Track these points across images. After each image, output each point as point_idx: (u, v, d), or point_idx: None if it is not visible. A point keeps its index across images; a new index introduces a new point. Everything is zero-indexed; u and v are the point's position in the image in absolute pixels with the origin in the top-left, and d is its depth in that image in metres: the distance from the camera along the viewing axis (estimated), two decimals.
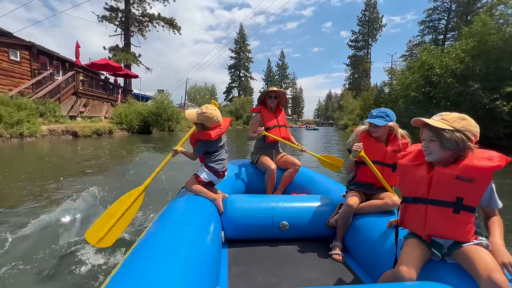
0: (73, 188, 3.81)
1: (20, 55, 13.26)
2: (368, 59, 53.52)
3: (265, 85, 69.40)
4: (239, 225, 1.75)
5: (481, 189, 1.05)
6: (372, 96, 24.98)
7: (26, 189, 3.72)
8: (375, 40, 53.58)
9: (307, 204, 1.86)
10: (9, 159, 6.76)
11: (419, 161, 1.20)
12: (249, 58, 58.62)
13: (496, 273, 0.90)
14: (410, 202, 1.21)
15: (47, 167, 5.42)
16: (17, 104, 9.74)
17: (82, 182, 4.12)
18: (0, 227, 2.42)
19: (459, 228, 1.07)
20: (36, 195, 3.47)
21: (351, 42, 54.84)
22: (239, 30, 57.64)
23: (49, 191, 3.71)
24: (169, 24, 26.31)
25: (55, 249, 2.07)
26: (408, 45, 48.48)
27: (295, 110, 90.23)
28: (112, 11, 24.17)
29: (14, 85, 12.48)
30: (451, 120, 1.09)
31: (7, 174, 4.47)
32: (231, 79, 58.92)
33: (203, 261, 1.10)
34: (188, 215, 1.43)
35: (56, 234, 2.22)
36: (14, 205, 3.08)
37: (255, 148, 2.70)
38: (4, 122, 8.88)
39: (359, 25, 53.58)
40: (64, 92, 13.49)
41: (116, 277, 0.90)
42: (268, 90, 2.66)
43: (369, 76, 52.86)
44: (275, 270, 1.49)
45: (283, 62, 72.93)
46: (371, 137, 1.77)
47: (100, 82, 17.96)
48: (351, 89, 53.19)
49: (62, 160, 6.50)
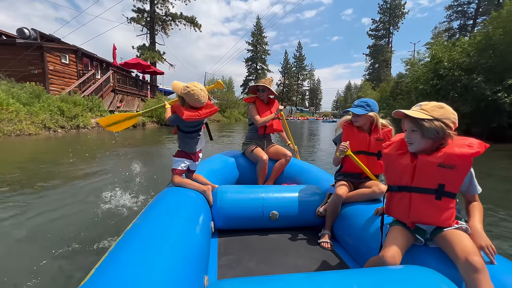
0: (124, 162, 5.38)
1: (69, 58, 15.38)
2: (389, 48, 51.68)
3: (282, 77, 69.45)
4: (229, 215, 1.77)
5: (462, 176, 1.08)
6: (389, 88, 24.89)
7: (98, 162, 5.33)
8: (397, 28, 51.53)
9: (296, 194, 1.89)
10: (76, 144, 8.63)
11: (403, 150, 1.22)
12: (265, 51, 58.79)
13: (473, 255, 0.93)
14: (395, 190, 1.23)
15: (105, 149, 7.12)
16: (73, 101, 11.75)
17: (129, 159, 5.69)
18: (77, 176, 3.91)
19: (441, 214, 1.10)
20: (104, 165, 5.04)
21: (371, 31, 53.15)
22: (256, 22, 57.97)
23: (110, 163, 5.29)
24: (191, 22, 27.84)
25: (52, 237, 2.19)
26: (433, 32, 46.19)
27: (313, 102, 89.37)
28: (139, 12, 26.09)
29: (65, 85, 14.64)
30: (429, 109, 1.11)
31: (84, 153, 6.16)
32: (248, 72, 59.60)
33: (191, 251, 1.11)
34: (176, 206, 1.43)
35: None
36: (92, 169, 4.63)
37: (247, 139, 2.72)
38: (66, 116, 10.89)
39: (380, 13, 51.54)
40: (105, 90, 15.55)
41: (101, 267, 0.89)
42: (255, 84, 2.69)
43: (389, 66, 51.30)
44: (264, 258, 1.50)
45: (300, 53, 72.10)
46: (353, 127, 1.81)
47: (132, 79, 19.99)
48: (371, 80, 52.07)
49: (112, 144, 8.20)
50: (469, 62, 10.12)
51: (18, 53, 12.96)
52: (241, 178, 2.54)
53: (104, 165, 5.16)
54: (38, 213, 2.72)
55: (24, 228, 2.41)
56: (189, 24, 28.12)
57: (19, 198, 3.18)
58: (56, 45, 14.64)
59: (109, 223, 2.47)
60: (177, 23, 28.10)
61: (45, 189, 3.57)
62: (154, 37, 27.44)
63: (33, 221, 2.53)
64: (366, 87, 46.77)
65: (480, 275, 0.90)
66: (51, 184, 3.76)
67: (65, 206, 2.96)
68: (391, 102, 19.82)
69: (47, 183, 3.77)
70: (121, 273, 0.82)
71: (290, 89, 70.35)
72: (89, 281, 0.82)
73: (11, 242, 2.20)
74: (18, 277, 1.70)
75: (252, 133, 2.67)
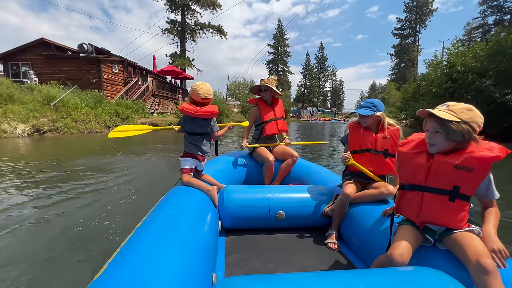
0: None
1: (118, 68, 18.05)
2: (415, 47, 49.80)
3: (303, 79, 69.95)
4: (236, 215, 1.78)
5: (479, 179, 1.05)
6: (411, 89, 24.83)
7: (150, 152, 7.09)
8: (424, 26, 49.50)
9: (303, 194, 1.90)
10: (126, 140, 10.71)
11: (420, 150, 1.20)
12: (287, 53, 59.58)
13: (484, 258, 0.91)
14: (407, 189, 1.22)
15: (152, 144, 9.00)
16: (125, 104, 14.13)
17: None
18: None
19: (453, 215, 1.08)
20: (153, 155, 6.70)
21: (396, 30, 51.64)
22: (277, 25, 59.01)
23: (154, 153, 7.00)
24: (217, 30, 30.13)
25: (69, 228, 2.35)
26: (465, 29, 44.02)
27: (335, 103, 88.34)
28: (171, 23, 28.86)
29: (115, 91, 17.27)
30: (458, 111, 1.07)
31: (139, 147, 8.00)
32: (269, 74, 60.18)
33: (199, 248, 1.13)
34: (184, 205, 1.47)
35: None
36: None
37: (253, 140, 2.71)
38: (120, 117, 13.23)
39: (406, 11, 49.79)
40: (147, 95, 18.01)
41: (114, 263, 0.91)
42: (257, 85, 2.64)
43: (415, 66, 49.62)
44: (271, 258, 1.51)
45: (322, 54, 71.70)
46: (361, 127, 1.82)
47: (167, 84, 22.49)
48: (396, 80, 50.64)
49: (156, 140, 10.10)
50: (480, 66, 10.72)
51: (81, 65, 15.74)
52: (248, 178, 2.56)
53: (141, 159, 5.86)
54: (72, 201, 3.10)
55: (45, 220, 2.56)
56: (216, 32, 30.42)
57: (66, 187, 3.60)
58: (108, 57, 17.33)
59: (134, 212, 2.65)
60: (205, 31, 30.53)
61: (93, 178, 4.08)
62: (185, 45, 30.10)
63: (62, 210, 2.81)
64: (390, 87, 45.78)
65: (491, 277, 0.88)
66: (102, 175, 4.30)
67: (98, 197, 3.24)
68: (413, 103, 20.04)
69: (98, 174, 4.39)
70: (132, 269, 0.85)
71: (311, 90, 70.63)
72: (102, 276, 0.85)
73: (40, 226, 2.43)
74: (35, 267, 1.79)
75: (258, 134, 2.67)
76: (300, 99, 69.16)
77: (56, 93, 11.41)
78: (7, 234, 2.27)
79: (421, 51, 51.32)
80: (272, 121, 2.61)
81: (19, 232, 2.32)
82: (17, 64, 16.23)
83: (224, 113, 21.69)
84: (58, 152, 6.77)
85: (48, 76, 14.91)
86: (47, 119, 10.22)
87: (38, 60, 15.81)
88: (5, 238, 2.20)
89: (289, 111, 46.98)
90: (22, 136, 9.00)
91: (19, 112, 9.52)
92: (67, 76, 15.07)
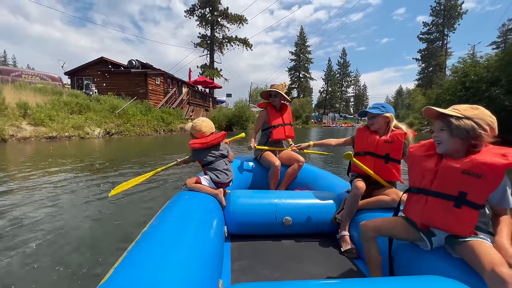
0: None
1: (159, 80, 20.86)
2: (443, 51, 48.24)
3: (325, 85, 70.19)
4: (242, 220, 1.77)
5: (489, 186, 1.00)
6: (433, 95, 24.86)
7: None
8: (453, 30, 47.98)
9: (310, 200, 1.88)
10: (172, 142, 12.90)
11: (430, 152, 1.19)
12: (308, 59, 60.37)
13: (500, 266, 0.88)
14: (413, 192, 1.22)
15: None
16: (168, 112, 16.64)
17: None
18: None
19: (457, 222, 1.05)
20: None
21: (422, 34, 50.33)
22: (299, 32, 60.02)
23: None
24: (243, 42, 32.62)
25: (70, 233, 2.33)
26: (500, 30, 42.28)
27: (358, 109, 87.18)
28: (202, 38, 31.90)
29: (158, 100, 20.02)
30: (461, 109, 1.08)
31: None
32: (291, 81, 61.14)
33: (206, 254, 1.11)
34: (190, 209, 1.45)
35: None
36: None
37: (259, 144, 2.72)
38: (165, 122, 15.70)
39: (432, 15, 48.55)
40: (184, 103, 20.59)
41: (120, 267, 0.90)
42: (267, 90, 2.68)
43: (443, 70, 47.89)
44: (278, 265, 1.49)
45: (344, 60, 71.57)
46: (367, 130, 1.83)
47: (199, 93, 25.13)
48: (422, 85, 49.14)
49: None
50: (491, 76, 11.47)
51: (131, 78, 18.66)
52: (254, 183, 2.56)
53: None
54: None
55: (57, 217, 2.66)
56: (242, 44, 32.93)
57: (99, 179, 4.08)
58: (152, 71, 20.21)
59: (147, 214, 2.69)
60: (232, 44, 33.18)
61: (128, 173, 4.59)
62: (213, 57, 32.94)
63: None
64: (416, 93, 44.64)
65: (508, 287, 0.84)
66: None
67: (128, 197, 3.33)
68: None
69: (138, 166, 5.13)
70: (139, 274, 0.84)
71: (333, 96, 70.68)
72: (108, 280, 0.85)
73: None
74: (46, 269, 1.80)
75: (264, 138, 2.69)
76: (321, 104, 69.53)
77: (118, 103, 14.10)
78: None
79: (451, 54, 49.42)
80: (279, 126, 2.66)
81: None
82: (81, 78, 19.61)
83: (250, 119, 23.67)
84: (121, 152, 8.38)
85: (105, 88, 17.95)
86: (114, 124, 12.83)
87: (98, 75, 19.03)
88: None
89: (310, 116, 47.76)
90: (98, 137, 11.58)
91: (95, 119, 12.18)
92: (120, 88, 18.03)
